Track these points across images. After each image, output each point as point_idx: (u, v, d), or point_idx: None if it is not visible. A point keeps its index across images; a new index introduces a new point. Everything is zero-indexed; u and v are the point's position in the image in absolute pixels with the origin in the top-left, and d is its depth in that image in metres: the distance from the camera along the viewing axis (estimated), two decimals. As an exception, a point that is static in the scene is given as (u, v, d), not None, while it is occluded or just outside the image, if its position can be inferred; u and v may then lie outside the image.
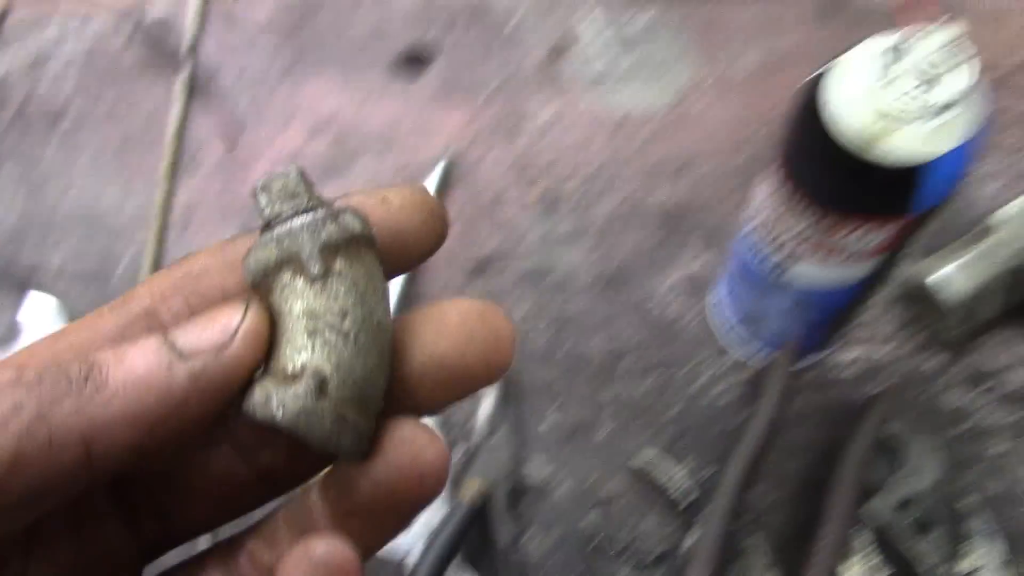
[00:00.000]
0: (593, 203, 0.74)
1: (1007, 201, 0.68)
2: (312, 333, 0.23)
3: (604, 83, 0.79)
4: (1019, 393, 0.67)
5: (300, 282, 0.24)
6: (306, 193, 0.25)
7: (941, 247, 0.67)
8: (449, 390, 0.24)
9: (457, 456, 0.64)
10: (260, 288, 0.24)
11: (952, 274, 0.64)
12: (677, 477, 0.62)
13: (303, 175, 0.25)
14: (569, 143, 0.76)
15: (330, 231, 0.24)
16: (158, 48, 0.81)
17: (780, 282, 0.57)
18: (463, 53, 0.81)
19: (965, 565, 0.59)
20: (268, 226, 0.24)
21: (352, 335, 0.23)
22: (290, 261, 0.24)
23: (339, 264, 0.24)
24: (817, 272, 0.55)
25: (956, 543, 0.60)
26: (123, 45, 0.82)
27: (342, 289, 0.24)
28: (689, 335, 0.69)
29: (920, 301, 0.66)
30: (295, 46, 0.82)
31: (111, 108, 0.80)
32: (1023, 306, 0.67)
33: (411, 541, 0.59)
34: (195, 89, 0.79)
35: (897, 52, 0.45)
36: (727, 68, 0.80)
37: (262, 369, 0.24)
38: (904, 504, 0.60)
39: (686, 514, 0.62)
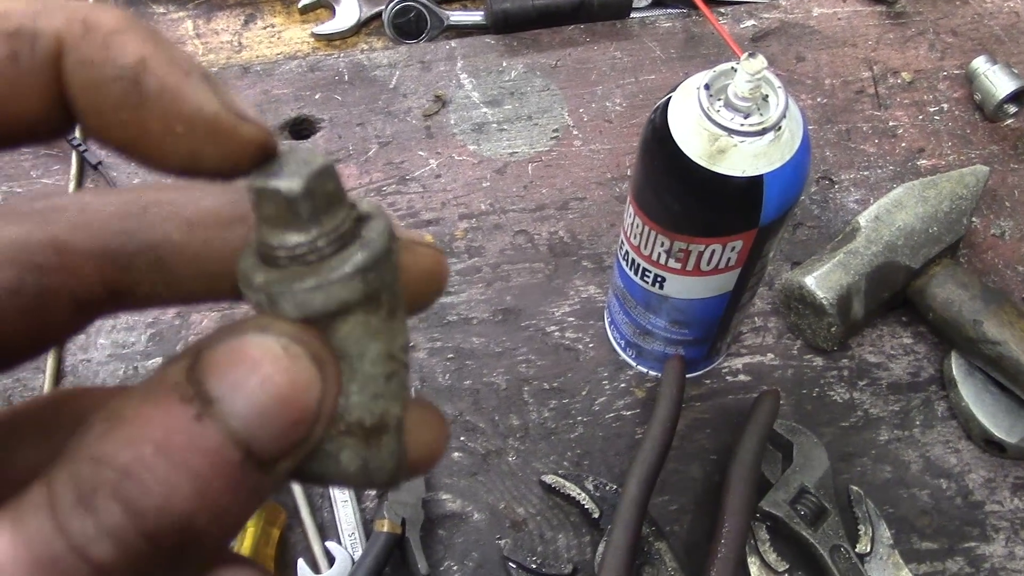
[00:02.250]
0: (485, 243, 0.77)
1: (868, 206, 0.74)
2: (389, 377, 0.20)
3: (485, 131, 0.83)
4: (899, 384, 0.72)
5: (375, 320, 0.20)
6: (344, 196, 0.20)
7: (815, 254, 0.72)
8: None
9: (368, 501, 0.66)
10: (318, 324, 0.19)
11: (828, 272, 0.69)
12: (585, 494, 0.65)
13: (336, 167, 0.20)
14: (457, 189, 0.80)
15: (395, 251, 0.20)
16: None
17: (657, 297, 0.61)
18: (347, 116, 0.84)
19: (857, 549, 0.63)
20: (318, 249, 0.19)
21: (408, 365, 0.21)
22: (372, 299, 0.20)
23: (398, 288, 0.21)
24: (688, 285, 0.59)
25: (848, 529, 0.64)
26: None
27: (404, 321, 0.21)
28: (587, 358, 0.72)
29: (800, 303, 0.70)
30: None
31: (5, 197, 0.81)
32: (890, 303, 0.72)
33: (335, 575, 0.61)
34: (87, 170, 0.80)
35: (709, 87, 0.50)
36: (600, 107, 0.85)
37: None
38: (797, 497, 0.64)
39: (597, 528, 0.65)
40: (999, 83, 0.82)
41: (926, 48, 0.89)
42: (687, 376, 0.67)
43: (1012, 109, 0.84)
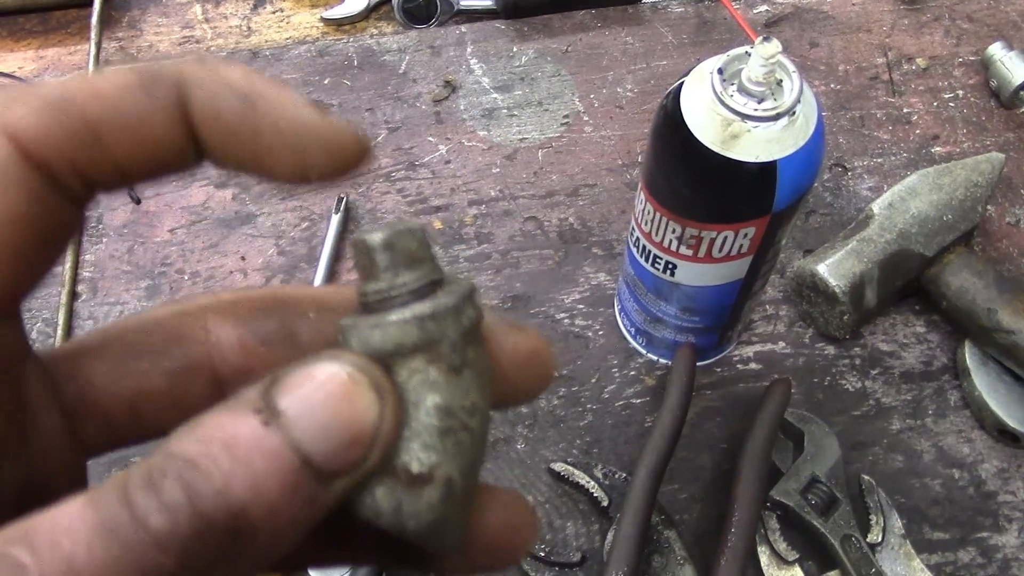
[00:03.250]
0: (494, 229, 0.77)
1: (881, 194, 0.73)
2: (444, 433, 0.21)
3: (495, 116, 0.83)
4: (912, 373, 0.71)
5: (435, 372, 0.21)
6: (430, 260, 0.22)
7: (827, 242, 0.71)
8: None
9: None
10: (377, 360, 0.21)
11: (840, 260, 0.68)
12: (594, 482, 0.65)
13: (427, 236, 0.22)
14: (467, 175, 0.80)
15: (470, 316, 0.22)
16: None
17: (668, 285, 0.61)
18: (357, 101, 0.84)
19: (868, 539, 0.63)
20: (390, 298, 0.21)
21: (477, 433, 0.22)
22: (429, 347, 0.21)
23: (471, 352, 0.22)
24: (699, 273, 0.58)
25: (859, 519, 0.63)
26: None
27: (474, 383, 0.22)
28: (596, 345, 0.72)
29: (812, 291, 0.70)
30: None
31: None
32: (903, 291, 0.72)
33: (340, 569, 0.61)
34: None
35: (723, 71, 0.49)
36: (611, 93, 0.84)
37: None
38: (808, 486, 0.64)
39: (606, 516, 0.64)
40: (1015, 69, 0.81)
41: (941, 34, 0.88)
42: (697, 364, 0.67)
43: (1028, 96, 0.82)
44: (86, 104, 0.21)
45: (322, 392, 0.20)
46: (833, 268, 0.68)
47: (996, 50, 0.83)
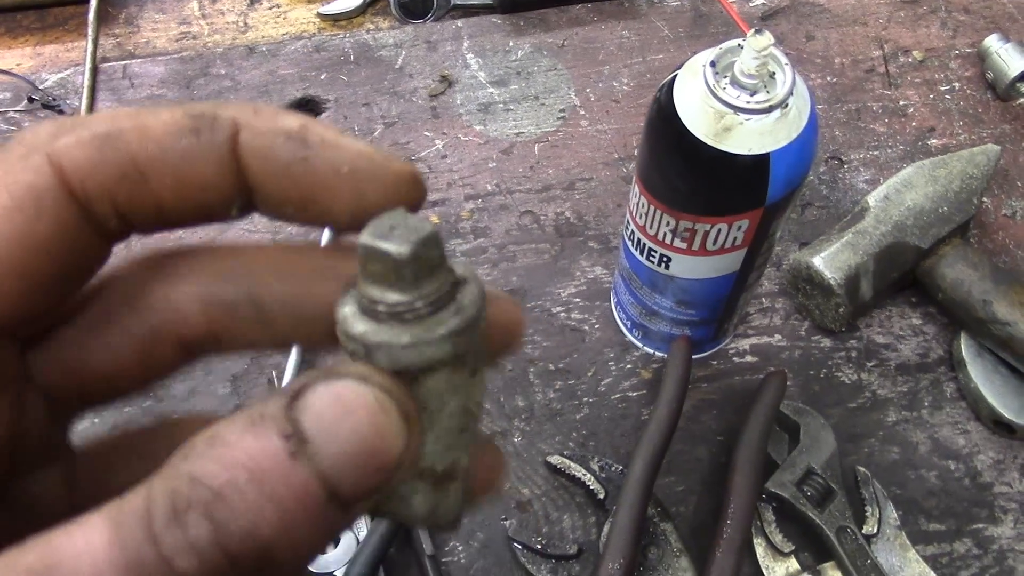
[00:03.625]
0: (491, 223, 0.77)
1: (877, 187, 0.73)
2: (463, 431, 0.22)
3: (492, 111, 0.83)
4: (908, 365, 0.71)
5: (458, 378, 0.21)
6: (446, 262, 0.22)
7: (823, 234, 0.72)
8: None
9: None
10: (403, 375, 0.21)
11: (836, 253, 0.68)
12: (591, 474, 0.65)
13: (440, 236, 0.21)
14: (463, 170, 0.80)
15: (484, 318, 0.22)
16: (57, 111, 0.83)
17: (663, 278, 0.61)
18: (353, 96, 0.84)
19: (864, 530, 0.63)
20: (415, 309, 0.21)
21: (481, 418, 0.23)
22: (457, 359, 0.21)
23: (483, 351, 0.22)
24: (693, 265, 0.58)
25: (854, 510, 0.63)
26: (24, 108, 0.84)
27: (484, 378, 0.22)
28: (593, 339, 0.72)
29: (808, 284, 0.70)
30: (191, 100, 0.85)
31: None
32: (899, 283, 0.72)
33: (340, 557, 0.61)
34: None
35: (715, 64, 0.49)
36: (607, 87, 0.84)
37: None
38: (804, 478, 0.64)
39: (602, 508, 0.65)
40: (1012, 61, 0.81)
41: (938, 26, 0.88)
42: (694, 357, 0.67)
43: (1024, 88, 0.82)
44: (134, 143, 0.21)
45: (350, 419, 0.19)
46: (828, 261, 0.68)
47: (992, 42, 0.83)
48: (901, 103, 0.84)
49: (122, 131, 0.21)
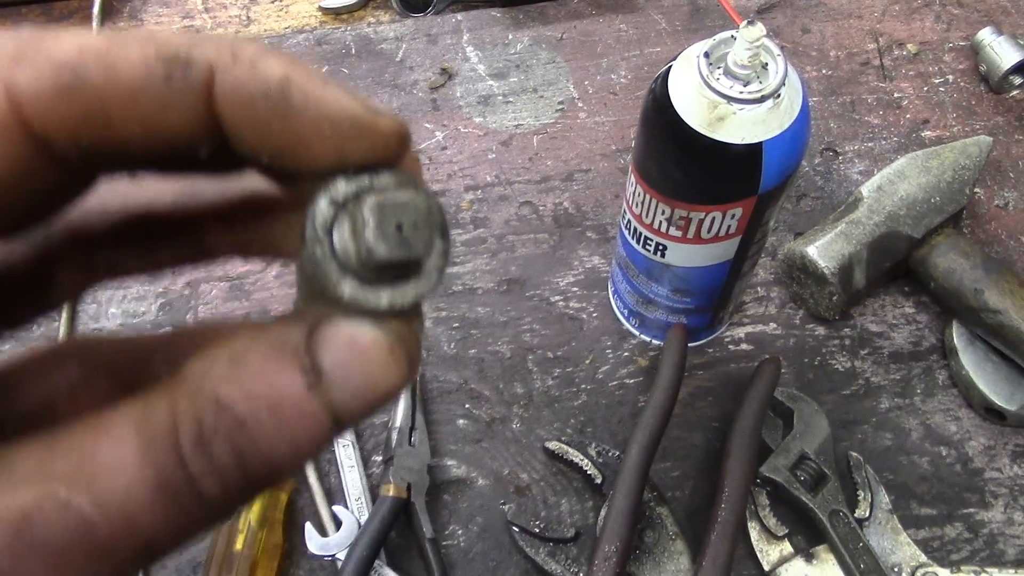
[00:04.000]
0: (490, 214, 0.78)
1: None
2: None
3: (491, 103, 0.84)
4: (900, 353, 0.73)
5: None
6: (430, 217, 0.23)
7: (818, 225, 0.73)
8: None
9: (375, 467, 0.67)
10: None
11: (830, 242, 0.69)
12: (588, 459, 0.66)
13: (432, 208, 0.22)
14: (463, 161, 0.81)
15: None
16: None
17: (659, 266, 0.62)
18: (354, 89, 0.85)
19: (856, 514, 0.64)
20: (418, 264, 0.22)
21: None
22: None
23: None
24: (689, 253, 0.60)
25: (847, 495, 0.65)
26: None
27: None
28: (590, 327, 0.73)
29: (802, 273, 0.71)
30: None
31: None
32: (892, 272, 0.73)
33: (342, 540, 0.62)
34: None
35: (709, 55, 0.50)
36: (605, 80, 0.85)
37: None
38: (797, 463, 0.65)
39: (599, 493, 0.66)
40: (1004, 54, 0.82)
41: (932, 19, 0.89)
42: (690, 345, 0.68)
43: (1017, 80, 0.84)
44: (100, 85, 0.20)
45: (364, 360, 0.21)
46: (822, 250, 0.69)
47: (986, 35, 0.84)
48: (895, 95, 0.85)
49: (88, 69, 0.20)
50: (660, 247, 0.60)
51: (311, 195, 0.22)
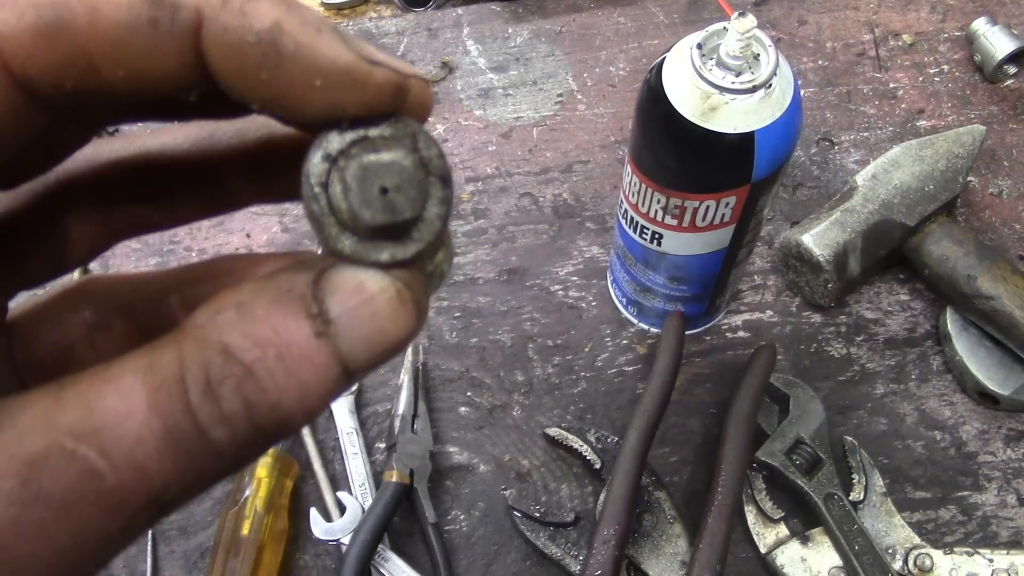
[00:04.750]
0: (491, 205, 0.79)
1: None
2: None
3: (491, 96, 0.85)
4: (895, 339, 0.74)
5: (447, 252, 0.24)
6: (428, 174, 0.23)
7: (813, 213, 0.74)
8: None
9: (378, 454, 0.68)
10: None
11: (825, 230, 0.70)
12: (587, 445, 0.67)
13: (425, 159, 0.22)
14: (464, 154, 0.82)
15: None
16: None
17: (656, 254, 0.63)
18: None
19: (851, 497, 0.65)
20: (421, 219, 0.22)
21: None
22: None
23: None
24: (684, 242, 0.61)
25: (842, 478, 0.66)
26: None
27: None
28: (589, 316, 0.74)
29: (798, 261, 0.72)
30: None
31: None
32: (887, 260, 0.74)
33: (346, 525, 0.64)
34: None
35: (702, 47, 0.51)
36: (603, 72, 0.86)
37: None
38: (793, 447, 0.66)
39: (598, 478, 0.67)
40: (998, 44, 0.83)
41: (927, 10, 0.90)
42: (688, 333, 0.69)
43: (1012, 70, 0.84)
44: (83, 31, 0.19)
45: (371, 307, 0.21)
46: (817, 238, 0.70)
47: (980, 25, 0.84)
48: (891, 86, 0.86)
49: (71, 11, 0.19)
50: (656, 235, 0.61)
51: (309, 145, 0.21)
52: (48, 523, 0.18)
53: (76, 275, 0.74)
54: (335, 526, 0.64)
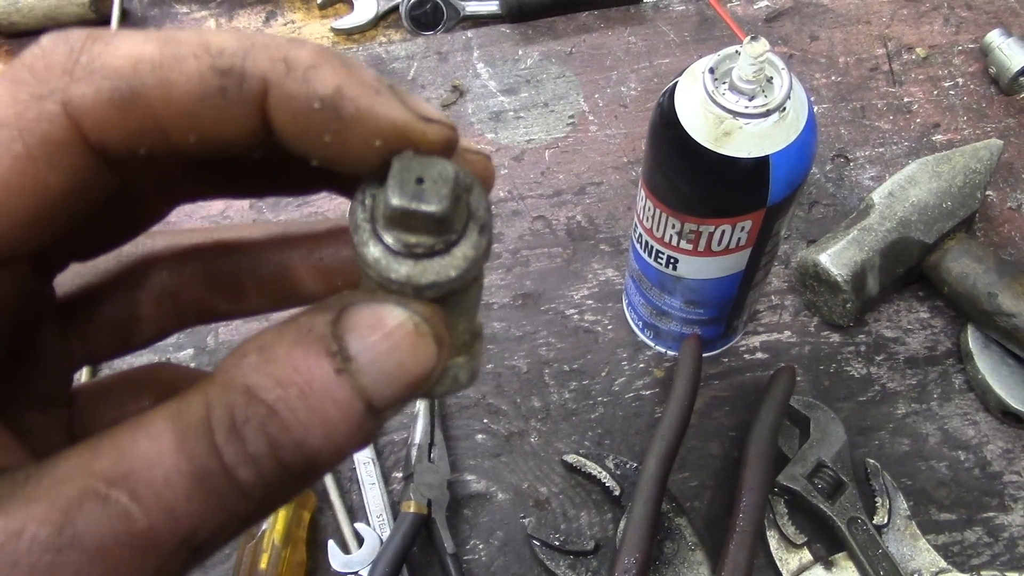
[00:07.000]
0: (504, 229, 0.79)
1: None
2: (479, 302, 0.25)
3: (502, 119, 0.85)
4: (916, 358, 0.73)
5: (481, 275, 0.24)
6: (464, 195, 0.23)
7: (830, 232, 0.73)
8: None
9: (395, 484, 0.68)
10: (440, 297, 0.23)
11: (842, 250, 0.70)
12: (606, 472, 0.67)
13: (450, 169, 0.23)
14: (477, 177, 0.82)
15: (491, 214, 0.24)
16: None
17: (671, 279, 0.62)
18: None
19: (875, 520, 0.64)
20: (449, 242, 0.23)
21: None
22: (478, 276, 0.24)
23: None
24: (700, 266, 0.60)
25: (865, 502, 0.65)
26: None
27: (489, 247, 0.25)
28: (606, 340, 0.74)
29: (815, 281, 0.71)
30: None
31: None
32: (906, 278, 0.73)
33: (365, 557, 0.63)
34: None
35: (714, 71, 0.51)
36: (615, 92, 0.86)
37: None
38: (815, 471, 0.65)
39: (618, 505, 0.66)
40: (1014, 56, 0.82)
41: (940, 23, 0.89)
42: (705, 355, 0.68)
43: (1028, 81, 0.83)
44: (157, 103, 0.20)
45: (390, 341, 0.21)
46: (834, 257, 0.69)
47: (995, 37, 0.84)
48: (905, 100, 0.85)
49: (144, 84, 0.20)
50: (672, 260, 0.61)
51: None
52: (82, 567, 0.19)
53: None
54: (353, 558, 0.64)
